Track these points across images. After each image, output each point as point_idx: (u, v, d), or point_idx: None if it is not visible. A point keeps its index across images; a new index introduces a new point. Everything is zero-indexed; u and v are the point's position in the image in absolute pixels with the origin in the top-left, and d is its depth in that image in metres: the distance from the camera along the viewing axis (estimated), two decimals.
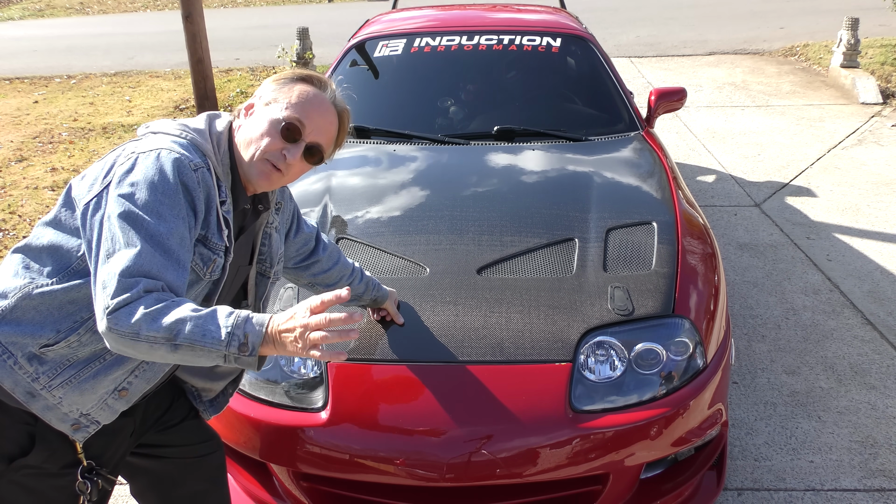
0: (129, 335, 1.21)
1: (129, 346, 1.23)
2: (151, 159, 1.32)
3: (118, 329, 1.21)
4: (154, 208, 1.28)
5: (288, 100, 1.44)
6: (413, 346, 2.00)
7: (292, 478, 1.98)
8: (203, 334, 1.22)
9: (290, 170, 1.46)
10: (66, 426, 1.38)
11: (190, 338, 1.21)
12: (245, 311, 1.27)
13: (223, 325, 1.23)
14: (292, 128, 1.43)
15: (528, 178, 2.76)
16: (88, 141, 6.64)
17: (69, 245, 1.35)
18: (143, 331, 1.21)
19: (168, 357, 1.23)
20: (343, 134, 1.54)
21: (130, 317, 1.20)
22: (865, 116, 6.54)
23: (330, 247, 1.93)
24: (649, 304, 2.10)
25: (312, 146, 1.46)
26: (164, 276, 1.27)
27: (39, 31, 13.68)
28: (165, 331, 1.21)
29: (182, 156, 1.34)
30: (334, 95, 1.50)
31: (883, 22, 9.67)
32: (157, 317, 1.21)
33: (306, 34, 8.30)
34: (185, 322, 1.21)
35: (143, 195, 1.28)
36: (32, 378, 1.33)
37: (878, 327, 3.33)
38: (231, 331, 1.23)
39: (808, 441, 2.63)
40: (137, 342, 1.21)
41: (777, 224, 4.46)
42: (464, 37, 3.60)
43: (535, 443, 1.84)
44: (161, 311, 1.22)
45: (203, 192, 1.35)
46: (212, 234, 1.38)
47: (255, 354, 1.24)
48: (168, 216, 1.29)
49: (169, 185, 1.30)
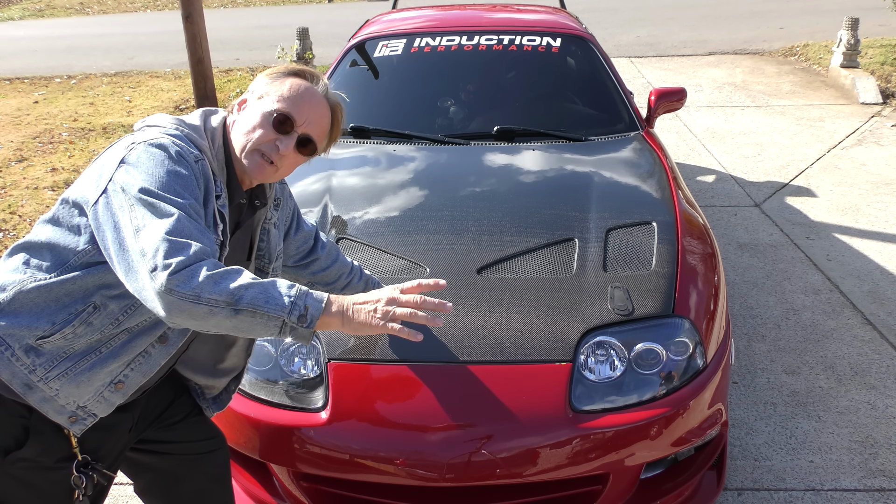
0: (190, 297, 1.18)
1: (185, 310, 1.19)
2: (155, 143, 1.34)
3: (178, 290, 1.17)
4: (171, 187, 1.29)
5: (280, 93, 1.46)
6: (413, 346, 2.00)
7: (292, 478, 1.98)
8: (266, 300, 1.21)
9: (283, 161, 1.47)
10: (62, 418, 1.38)
11: (253, 303, 1.21)
12: (304, 286, 1.28)
13: (285, 294, 1.24)
14: (284, 119, 1.44)
15: (527, 178, 2.76)
16: (88, 141, 6.64)
17: (67, 242, 1.36)
18: (205, 293, 1.18)
19: (223, 324, 1.21)
20: (337, 128, 1.55)
21: (193, 278, 1.18)
22: (865, 116, 6.54)
23: (328, 245, 1.93)
24: (649, 304, 2.10)
25: (305, 137, 1.47)
26: (204, 241, 1.25)
27: (39, 31, 13.68)
28: (228, 294, 1.19)
29: (182, 147, 1.36)
30: (326, 89, 1.52)
31: (883, 22, 9.67)
32: (220, 280, 1.20)
33: (306, 34, 8.30)
34: (248, 287, 1.21)
35: (157, 177, 1.29)
36: (29, 370, 1.34)
37: (878, 327, 3.33)
38: (293, 300, 1.23)
39: (808, 441, 2.63)
40: (197, 305, 1.18)
41: (777, 224, 4.46)
42: (464, 37, 3.60)
43: (535, 443, 1.84)
44: (223, 276, 1.21)
45: (202, 183, 1.37)
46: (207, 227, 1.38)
47: (313, 326, 1.25)
48: (185, 194, 1.30)
49: (181, 170, 1.32)
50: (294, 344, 2.05)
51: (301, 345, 2.05)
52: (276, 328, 1.23)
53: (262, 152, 1.45)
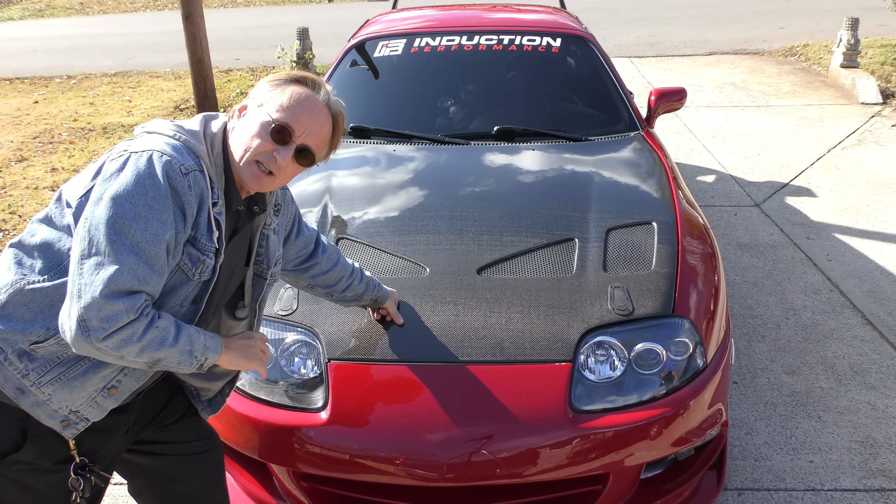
0: (114, 357, 1.30)
1: (102, 358, 1.31)
2: (143, 161, 1.32)
3: (105, 349, 1.28)
4: (140, 213, 1.28)
5: (280, 102, 1.44)
6: (413, 346, 2.00)
7: (292, 478, 1.98)
8: (178, 363, 1.38)
9: (281, 172, 1.46)
10: (55, 423, 1.38)
11: (167, 366, 1.37)
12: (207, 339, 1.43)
13: (195, 357, 1.40)
14: (282, 130, 1.42)
15: (527, 178, 2.76)
16: (88, 141, 6.64)
17: (60, 243, 1.35)
18: (129, 356, 1.31)
19: (140, 367, 1.38)
20: (338, 136, 1.54)
21: (123, 346, 1.29)
22: (865, 116, 6.54)
23: (329, 249, 1.93)
24: (649, 304, 2.10)
25: (303, 148, 1.45)
26: (146, 286, 1.30)
27: (39, 32, 13.68)
28: (148, 358, 1.33)
29: (173, 158, 1.33)
30: (328, 97, 1.50)
31: (883, 22, 9.67)
32: (146, 348, 1.31)
33: (306, 34, 8.30)
34: (168, 352, 1.35)
35: (130, 198, 1.28)
36: (22, 374, 1.34)
37: (878, 327, 3.33)
38: (201, 363, 1.42)
39: (808, 441, 2.63)
40: (119, 361, 1.32)
41: (777, 224, 4.46)
42: (464, 37, 3.60)
43: (535, 443, 1.84)
44: (150, 343, 1.31)
45: (195, 195, 1.36)
46: (201, 234, 1.38)
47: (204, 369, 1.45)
48: (154, 221, 1.29)
49: (158, 189, 1.30)
50: (295, 343, 2.05)
51: (300, 344, 2.05)
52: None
53: (260, 163, 1.43)
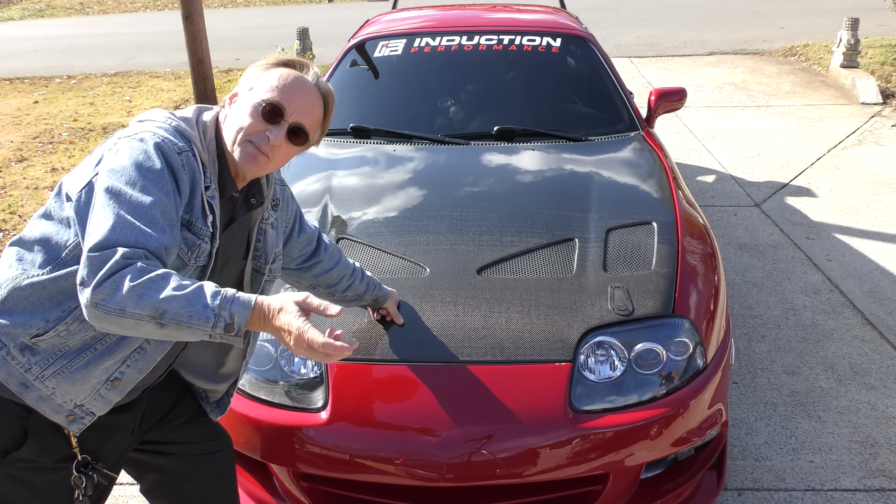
0: (116, 311, 1.20)
1: (113, 323, 1.21)
2: (136, 142, 1.34)
3: (104, 305, 1.19)
4: (138, 183, 1.28)
5: (270, 83, 1.45)
6: (413, 346, 2.00)
7: (292, 478, 1.98)
8: (189, 315, 1.21)
9: (275, 152, 1.46)
10: (60, 417, 1.38)
11: (176, 318, 1.21)
12: (231, 290, 1.26)
13: (210, 305, 1.22)
14: (273, 109, 1.43)
15: (527, 178, 2.76)
16: (88, 141, 6.64)
17: (59, 236, 1.36)
18: (129, 307, 1.19)
19: (154, 333, 1.23)
20: (329, 117, 1.54)
21: (118, 291, 1.19)
22: (865, 116, 6.54)
23: (331, 247, 1.93)
24: (649, 304, 2.10)
25: (296, 127, 1.46)
26: (145, 242, 1.25)
27: (39, 32, 13.68)
28: (151, 309, 1.20)
29: (165, 139, 1.35)
30: (317, 78, 1.51)
31: (883, 22, 9.67)
32: (144, 293, 1.20)
33: (306, 34, 8.31)
34: (171, 300, 1.20)
35: (127, 174, 1.29)
36: (25, 369, 1.34)
37: (878, 327, 3.33)
38: (217, 312, 1.23)
39: (808, 441, 2.63)
40: (123, 318, 1.20)
41: (777, 224, 4.46)
42: (464, 37, 3.60)
43: (535, 443, 1.84)
44: (147, 286, 1.20)
45: (188, 174, 1.36)
46: (196, 218, 1.38)
47: (241, 335, 1.25)
48: (153, 190, 1.29)
49: (154, 165, 1.31)
50: None
51: None
52: (206, 336, 1.24)
53: (253, 142, 1.44)
